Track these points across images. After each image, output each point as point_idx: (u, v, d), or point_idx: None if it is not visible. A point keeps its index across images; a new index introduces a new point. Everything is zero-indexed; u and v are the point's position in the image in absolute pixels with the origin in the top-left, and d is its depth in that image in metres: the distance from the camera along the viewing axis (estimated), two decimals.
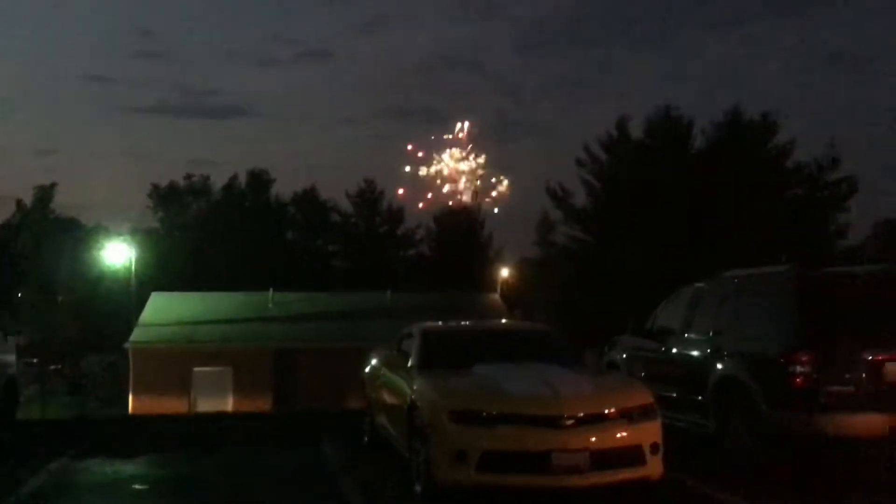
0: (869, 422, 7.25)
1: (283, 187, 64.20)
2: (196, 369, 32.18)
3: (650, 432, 6.95)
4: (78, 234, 50.35)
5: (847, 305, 7.73)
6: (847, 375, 7.32)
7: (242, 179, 62.62)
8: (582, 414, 6.73)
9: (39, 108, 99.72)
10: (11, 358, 9.91)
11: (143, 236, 48.50)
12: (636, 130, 41.83)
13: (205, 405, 29.89)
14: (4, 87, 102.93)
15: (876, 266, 9.00)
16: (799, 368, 7.38)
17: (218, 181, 62.60)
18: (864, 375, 7.32)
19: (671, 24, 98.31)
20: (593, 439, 6.65)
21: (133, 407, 31.13)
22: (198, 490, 8.00)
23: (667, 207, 36.45)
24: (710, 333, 8.86)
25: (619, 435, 6.76)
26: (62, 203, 56.84)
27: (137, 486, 8.02)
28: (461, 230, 61.41)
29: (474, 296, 39.73)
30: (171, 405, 28.28)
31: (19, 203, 59.73)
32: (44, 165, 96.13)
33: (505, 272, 44.29)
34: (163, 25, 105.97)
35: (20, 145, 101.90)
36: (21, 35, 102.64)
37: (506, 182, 66.14)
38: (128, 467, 8.89)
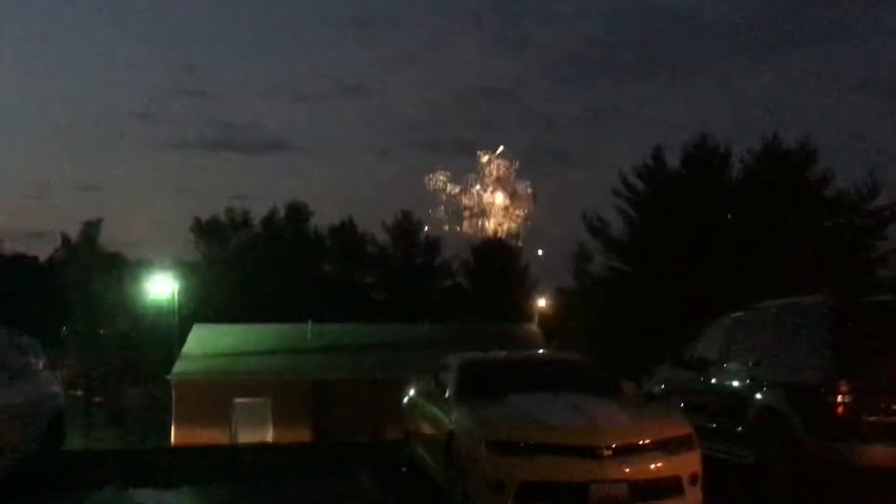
0: None
1: (321, 220, 64.96)
2: (237, 400, 32.48)
3: (689, 463, 6.95)
4: (122, 269, 51.31)
5: (883, 334, 7.69)
6: (888, 405, 7.27)
7: (282, 212, 63.49)
8: (620, 444, 6.75)
9: (84, 144, 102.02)
10: (59, 391, 10.15)
11: (185, 269, 49.25)
12: (672, 160, 41.78)
13: (245, 436, 30.13)
14: (51, 124, 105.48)
15: None
16: (839, 398, 7.34)
17: (258, 214, 63.55)
18: None
19: (705, 53, 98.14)
20: (632, 470, 6.67)
21: (175, 438, 31.46)
22: None
23: (705, 237, 36.23)
24: (749, 363, 8.84)
25: (657, 466, 6.77)
26: (106, 238, 57.90)
27: None
28: (498, 261, 61.48)
29: (512, 326, 39.70)
30: (213, 436, 28.56)
31: (65, 237, 61.08)
32: (88, 200, 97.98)
33: (542, 302, 44.19)
34: (203, 61, 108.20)
35: (65, 181, 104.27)
36: (66, 72, 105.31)
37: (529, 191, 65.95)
38: (171, 497, 9.06)
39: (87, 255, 51.22)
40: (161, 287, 38.70)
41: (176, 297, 37.71)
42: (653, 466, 6.74)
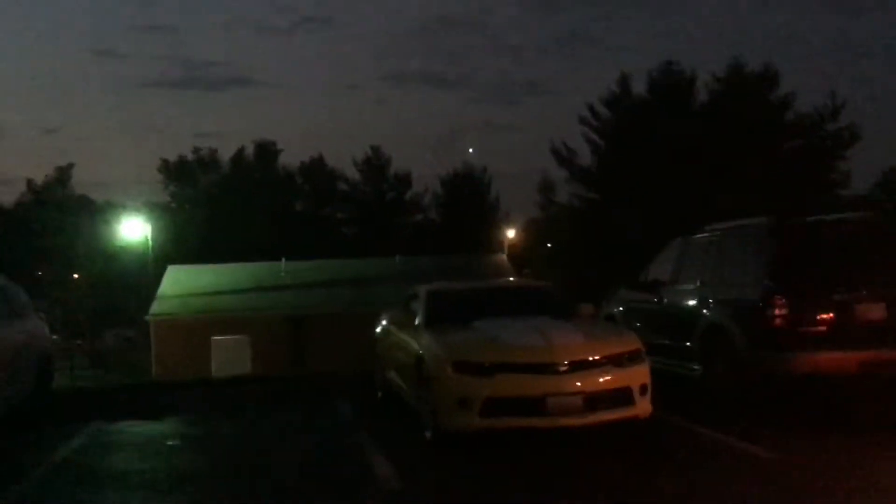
0: (840, 359, 7.85)
1: (290, 157, 65.24)
2: (214, 338, 33.06)
3: (639, 375, 7.57)
4: (93, 212, 51.20)
5: (820, 251, 8.32)
6: (819, 316, 7.91)
7: (250, 151, 63.29)
8: (574, 360, 7.35)
9: (44, 85, 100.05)
10: (46, 333, 10.58)
11: (155, 210, 49.27)
12: (639, 87, 42.16)
13: (224, 372, 30.72)
14: (9, 65, 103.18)
15: (851, 213, 9.53)
16: (775, 311, 7.97)
17: (225, 153, 63.31)
18: (835, 316, 7.91)
19: None
20: (585, 382, 7.27)
21: (156, 376, 32.01)
22: (225, 444, 8.68)
23: (670, 163, 36.85)
24: (697, 283, 9.45)
25: (608, 378, 7.36)
26: (73, 181, 57.57)
27: (170, 443, 8.70)
28: (467, 193, 61.95)
29: (482, 257, 40.38)
30: (192, 374, 29.11)
31: (30, 183, 60.59)
32: (50, 143, 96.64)
33: (511, 233, 44.83)
34: None
35: (25, 124, 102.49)
36: (23, 12, 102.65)
37: None
38: (158, 427, 9.59)
39: (58, 200, 51.03)
40: (133, 230, 38.81)
41: (149, 239, 37.89)
42: (605, 379, 7.34)
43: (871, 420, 7.83)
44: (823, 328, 7.91)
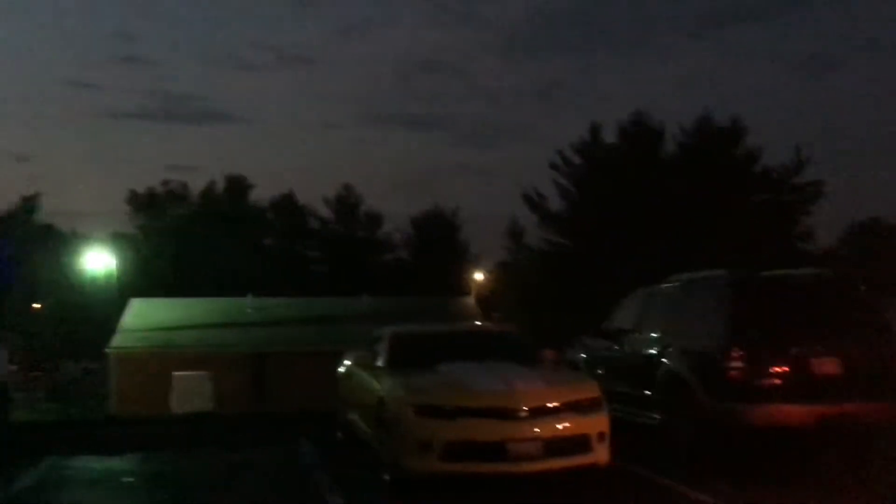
0: (797, 411, 7.98)
1: (262, 192, 64.79)
2: (175, 374, 32.58)
3: (598, 423, 7.63)
4: (58, 242, 50.64)
5: (777, 305, 8.49)
6: (776, 369, 8.05)
7: (220, 185, 63.13)
8: (534, 406, 7.40)
9: (18, 113, 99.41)
10: (3, 363, 10.45)
11: (121, 242, 48.84)
12: (610, 136, 42.83)
13: (184, 408, 30.29)
14: None
15: (807, 269, 9.75)
16: (733, 364, 8.10)
17: (196, 187, 63.09)
18: (791, 369, 8.05)
19: (647, 28, 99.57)
20: (545, 429, 7.32)
21: (114, 411, 31.47)
22: (182, 483, 8.60)
23: (638, 212, 37.34)
24: (658, 333, 9.58)
25: (568, 425, 7.42)
26: (40, 210, 56.98)
27: (125, 479, 8.60)
28: (438, 235, 62.12)
29: (450, 300, 40.38)
30: (152, 409, 28.67)
31: None
32: (20, 171, 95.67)
33: (479, 276, 44.96)
34: (143, 30, 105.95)
35: None
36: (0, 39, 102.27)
37: None
38: (115, 463, 9.49)
39: (23, 229, 50.42)
40: (97, 261, 38.39)
41: (113, 271, 37.49)
42: (564, 426, 7.40)
43: (827, 472, 7.94)
44: (780, 381, 8.05)
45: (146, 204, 61.23)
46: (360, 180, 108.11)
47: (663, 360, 9.24)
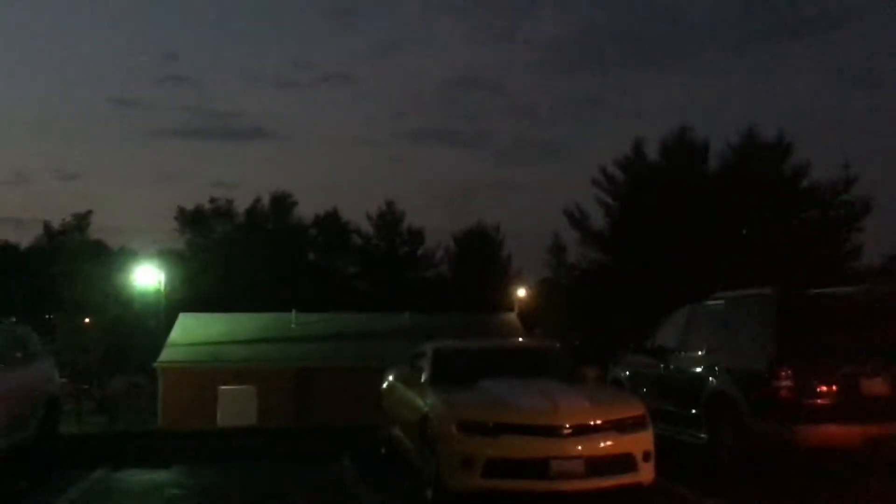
0: (845, 432, 7.84)
1: (305, 209, 65.48)
2: (222, 388, 33.01)
3: (642, 441, 7.55)
4: (105, 257, 51.61)
5: (825, 324, 8.36)
6: (824, 389, 7.92)
7: (266, 202, 63.89)
8: (577, 424, 7.35)
9: (66, 132, 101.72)
10: (54, 375, 10.67)
11: (169, 258, 49.61)
12: (652, 151, 42.55)
13: (229, 423, 30.62)
14: (32, 111, 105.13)
15: (855, 287, 9.59)
16: (781, 383, 7.98)
17: (241, 203, 63.91)
18: (840, 389, 7.92)
19: (689, 43, 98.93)
20: (588, 447, 7.26)
21: (162, 424, 31.92)
22: (226, 496, 8.69)
23: (682, 228, 36.98)
24: (703, 351, 9.48)
25: (611, 443, 7.35)
26: (90, 226, 58.18)
27: (172, 492, 8.71)
28: (480, 251, 62.12)
29: (491, 315, 40.35)
30: (198, 423, 29.02)
31: (46, 226, 61.26)
32: (70, 190, 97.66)
33: (522, 292, 44.85)
34: (187, 49, 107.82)
35: (46, 170, 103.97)
36: (47, 59, 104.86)
37: None
38: (162, 476, 9.61)
39: (75, 246, 51.49)
40: (147, 276, 39.08)
41: (162, 286, 38.13)
42: (608, 444, 7.34)
43: (875, 494, 7.78)
44: (828, 401, 7.92)
45: (193, 220, 62.17)
46: (401, 196, 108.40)
47: (709, 378, 9.14)
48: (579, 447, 7.25)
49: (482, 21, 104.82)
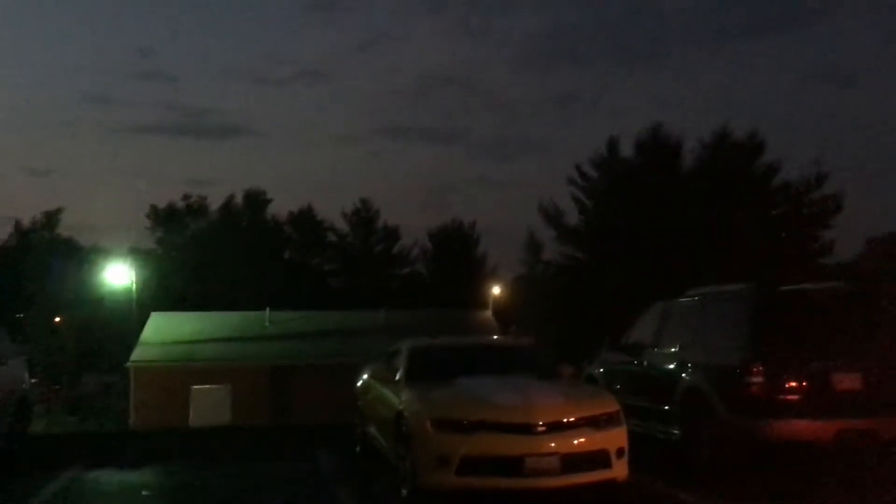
0: (817, 427, 7.92)
1: (280, 206, 65.24)
2: (195, 387, 32.77)
3: (616, 438, 7.59)
4: (79, 257, 51.05)
5: (798, 320, 8.43)
6: (796, 385, 7.99)
7: (240, 199, 63.50)
8: (552, 421, 7.37)
9: (37, 128, 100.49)
10: (25, 375, 10.54)
11: (141, 257, 49.17)
12: (627, 149, 42.78)
13: (202, 422, 30.42)
14: (2, 106, 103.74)
15: (827, 284, 9.68)
16: (753, 378, 8.05)
17: (215, 201, 63.48)
18: (812, 384, 8.00)
19: (664, 41, 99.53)
20: (562, 444, 7.28)
21: (133, 424, 31.65)
22: (201, 496, 8.62)
23: (657, 226, 37.23)
24: (677, 347, 9.54)
25: (585, 440, 7.38)
26: (61, 224, 57.56)
27: (144, 493, 8.64)
28: (455, 249, 62.16)
29: (467, 313, 40.39)
30: (171, 423, 28.81)
31: (18, 224, 60.51)
32: (40, 186, 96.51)
33: (497, 290, 44.92)
34: (161, 45, 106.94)
35: (16, 166, 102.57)
36: (19, 54, 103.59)
37: None
38: (134, 476, 9.51)
39: (45, 244, 50.86)
40: (118, 275, 38.69)
41: (133, 285, 37.78)
42: (582, 441, 7.36)
43: (846, 488, 7.86)
44: (800, 396, 7.99)
45: (166, 218, 61.65)
46: (377, 194, 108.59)
47: (682, 374, 9.20)
48: (553, 444, 7.27)
49: (459, 17, 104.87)
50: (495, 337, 24.86)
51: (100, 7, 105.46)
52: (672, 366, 9.49)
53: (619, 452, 7.54)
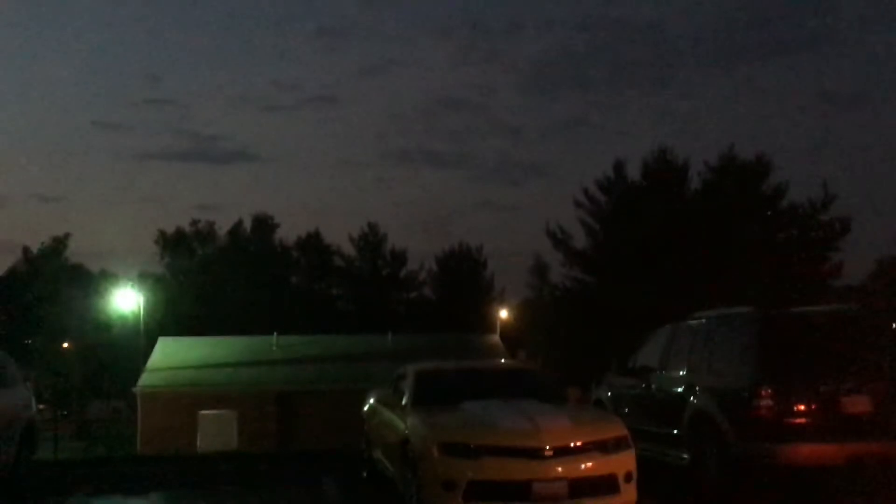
0: (826, 451, 7.85)
1: (288, 231, 65.34)
2: (202, 412, 32.72)
3: (624, 462, 7.53)
4: (87, 282, 51.20)
5: (806, 343, 8.38)
6: (805, 408, 7.93)
7: (247, 224, 63.71)
8: (560, 445, 7.32)
9: (46, 154, 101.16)
10: (31, 402, 10.53)
11: (150, 281, 49.29)
12: (634, 172, 42.81)
13: (209, 447, 30.33)
14: (12, 133, 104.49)
15: (836, 306, 9.63)
16: (762, 402, 7.99)
17: (223, 226, 63.72)
18: (821, 407, 7.93)
19: (670, 64, 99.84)
20: (570, 469, 7.22)
21: (141, 450, 31.57)
22: None
23: (663, 248, 37.16)
24: (685, 370, 9.48)
25: (594, 465, 7.32)
26: (70, 250, 57.71)
27: None
28: (463, 272, 62.13)
29: (474, 337, 40.30)
30: (178, 448, 28.72)
31: (26, 250, 60.73)
32: (50, 212, 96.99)
33: (504, 313, 44.84)
34: (168, 72, 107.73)
35: (26, 192, 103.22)
36: (29, 81, 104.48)
37: None
38: (140, 502, 9.48)
39: (53, 270, 51.03)
40: (126, 300, 38.79)
41: (141, 310, 37.84)
42: (590, 465, 7.30)
43: None
44: (809, 419, 7.93)
45: (174, 243, 61.85)
46: (384, 218, 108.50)
47: (690, 398, 9.13)
48: (561, 469, 7.21)
49: (466, 42, 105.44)
50: (502, 360, 24.77)
51: (110, 35, 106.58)
52: (680, 389, 9.43)
53: (628, 477, 7.48)
